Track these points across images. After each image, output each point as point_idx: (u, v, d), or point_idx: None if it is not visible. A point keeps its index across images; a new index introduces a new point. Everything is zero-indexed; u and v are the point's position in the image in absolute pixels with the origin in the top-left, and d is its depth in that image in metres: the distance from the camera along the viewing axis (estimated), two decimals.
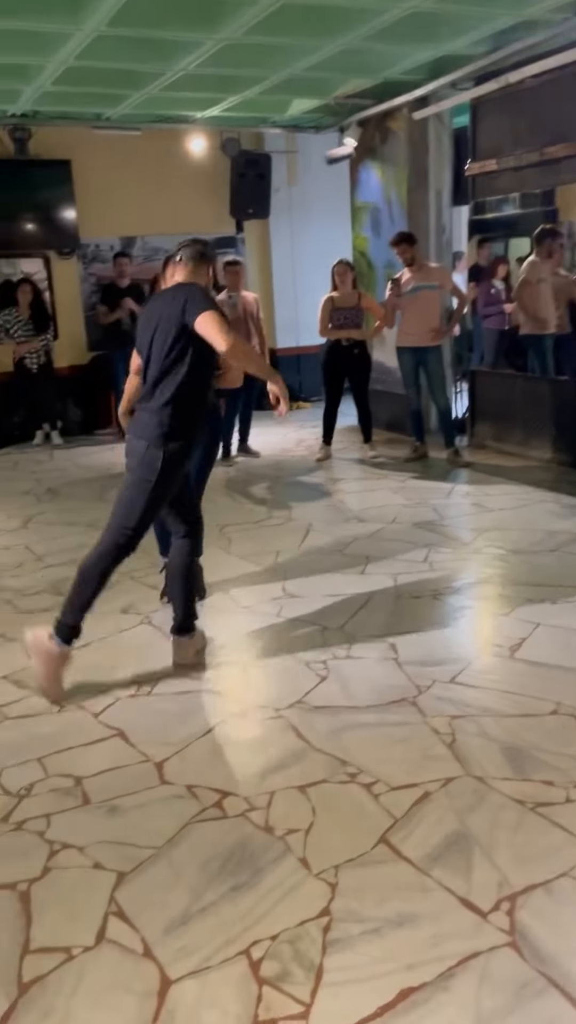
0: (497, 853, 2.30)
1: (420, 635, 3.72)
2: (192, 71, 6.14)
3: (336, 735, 2.94)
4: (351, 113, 7.91)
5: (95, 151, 8.71)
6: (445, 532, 5.16)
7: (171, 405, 3.26)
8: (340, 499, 6.06)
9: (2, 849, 2.42)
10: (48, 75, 6.10)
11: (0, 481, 7.15)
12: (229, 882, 2.23)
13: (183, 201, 9.43)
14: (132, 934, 2.08)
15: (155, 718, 3.11)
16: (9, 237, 8.87)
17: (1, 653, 3.74)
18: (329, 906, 2.14)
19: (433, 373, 6.78)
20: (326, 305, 6.89)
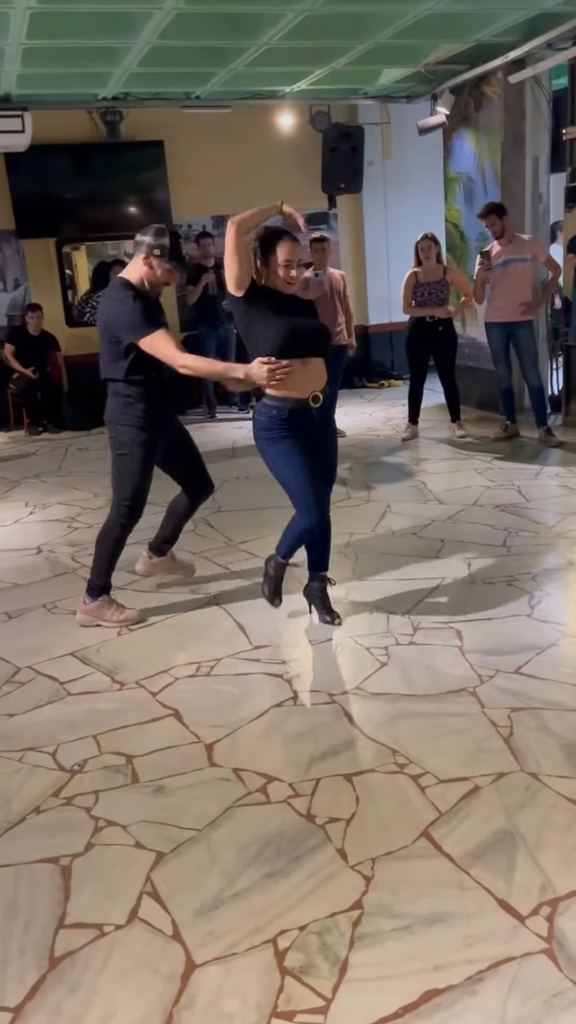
0: (543, 855, 2.20)
1: (488, 623, 3.60)
2: (276, 44, 6.05)
3: (390, 723, 2.88)
4: (443, 80, 7.66)
5: (186, 131, 8.75)
6: (528, 515, 4.97)
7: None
8: (422, 480, 5.92)
9: (50, 823, 2.48)
10: (134, 56, 6.14)
11: (90, 460, 7.33)
12: (264, 869, 2.22)
13: (274, 178, 9.35)
14: (163, 915, 2.09)
15: (211, 699, 3.13)
16: (103, 219, 9.04)
17: (70, 630, 3.83)
18: (362, 899, 2.10)
19: (524, 349, 6.52)
20: (409, 281, 6.72)
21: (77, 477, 6.74)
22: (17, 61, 6.05)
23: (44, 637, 3.78)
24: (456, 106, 7.81)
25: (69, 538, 5.18)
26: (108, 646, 3.66)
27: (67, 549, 4.96)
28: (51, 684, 3.33)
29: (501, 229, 6.38)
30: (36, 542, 5.14)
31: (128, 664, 3.46)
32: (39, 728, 3.01)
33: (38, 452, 7.84)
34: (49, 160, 8.56)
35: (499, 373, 6.77)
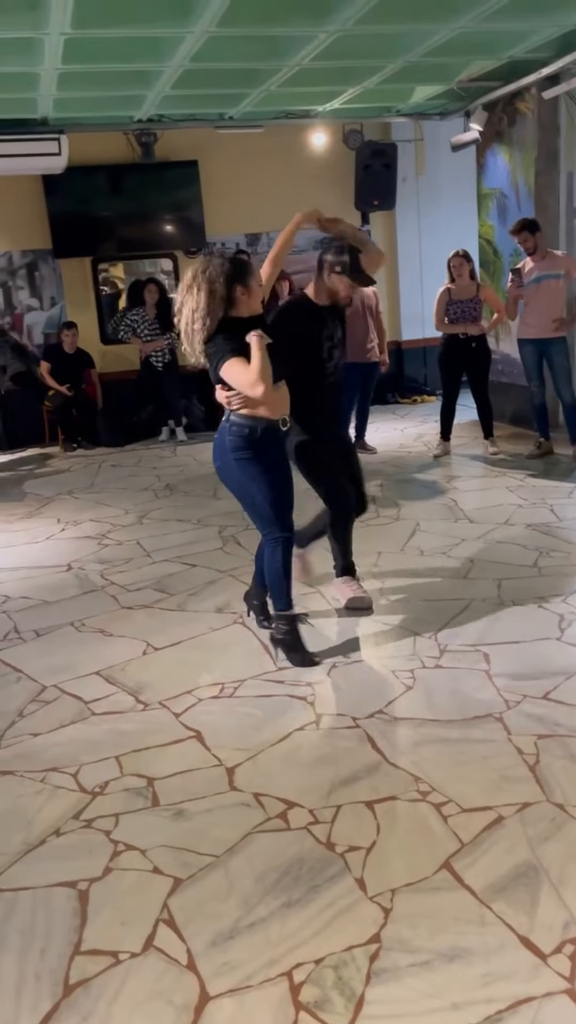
0: (568, 890, 2.14)
1: (517, 646, 3.54)
2: (307, 65, 6.09)
3: (413, 749, 2.84)
4: (477, 97, 7.63)
5: (220, 151, 8.83)
6: (561, 535, 4.90)
7: None
8: (453, 497, 5.87)
9: (70, 846, 2.48)
10: (167, 79, 6.21)
11: (123, 477, 7.38)
12: (282, 898, 2.20)
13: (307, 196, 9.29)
14: (179, 944, 2.07)
15: (234, 721, 3.11)
16: (139, 238, 9.15)
17: (98, 648, 3.85)
18: (380, 932, 2.06)
19: (557, 366, 6.45)
20: (442, 298, 6.69)
21: (109, 494, 6.79)
22: (53, 85, 6.16)
23: (71, 655, 3.80)
24: (489, 122, 7.78)
25: (99, 555, 5.21)
26: (133, 664, 3.66)
27: (97, 566, 4.99)
28: (75, 703, 3.34)
29: (534, 245, 6.33)
30: (67, 559, 5.18)
31: (152, 684, 3.46)
32: (62, 748, 3.02)
33: (72, 468, 7.92)
34: (85, 181, 8.70)
35: (532, 390, 6.70)
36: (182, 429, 8.90)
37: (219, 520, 5.73)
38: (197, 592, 4.43)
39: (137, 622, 4.11)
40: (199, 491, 6.64)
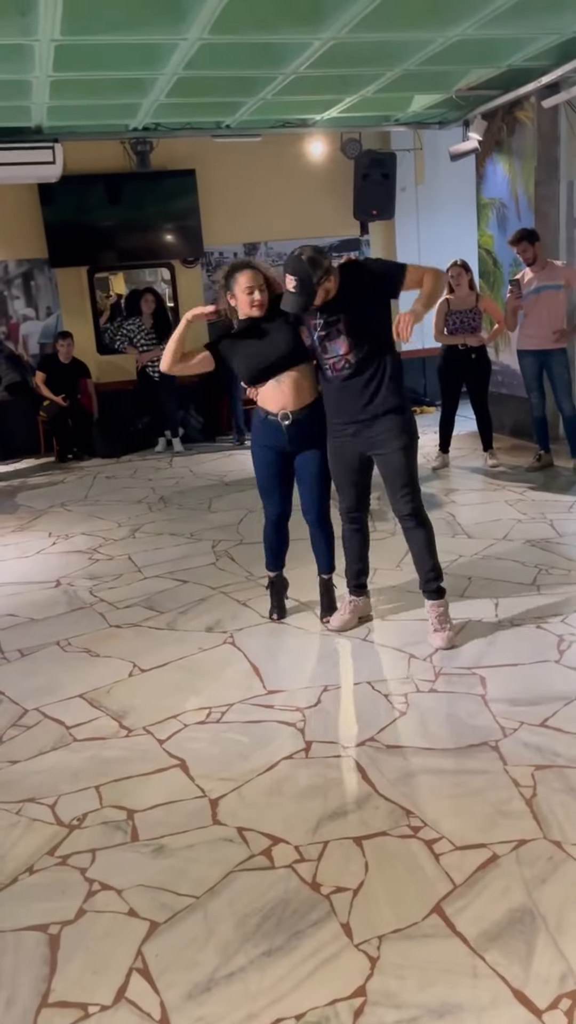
0: (565, 938, 2.03)
1: (514, 669, 3.42)
2: (304, 73, 6.00)
3: (405, 780, 2.72)
4: (476, 106, 7.55)
5: (217, 160, 8.76)
6: (560, 551, 4.78)
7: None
8: (451, 511, 5.76)
9: (42, 885, 2.37)
10: (161, 87, 6.13)
11: (117, 489, 7.28)
12: (263, 945, 2.08)
13: (305, 205, 9.34)
14: (152, 996, 1.96)
15: (219, 749, 3.00)
16: (135, 247, 9.07)
17: (83, 669, 3.74)
18: (366, 984, 1.94)
19: (558, 377, 6.34)
20: (440, 308, 6.59)
21: (103, 506, 6.68)
22: (46, 93, 6.08)
23: (54, 676, 3.69)
24: (489, 131, 7.70)
25: (89, 570, 5.11)
26: (119, 687, 3.55)
27: (86, 582, 4.88)
28: (57, 728, 3.23)
29: (533, 255, 6.23)
30: (56, 575, 5.07)
31: (137, 708, 3.34)
32: (41, 777, 2.90)
33: (66, 480, 7.82)
34: (81, 190, 8.62)
35: (532, 401, 6.60)
36: (179, 440, 8.81)
37: (213, 534, 5.63)
38: (187, 610, 4.31)
39: (125, 642, 4.00)
40: (194, 504, 6.54)
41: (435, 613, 3.73)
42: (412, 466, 3.66)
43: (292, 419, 3.68)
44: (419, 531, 3.73)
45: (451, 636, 3.67)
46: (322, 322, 3.53)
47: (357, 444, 3.66)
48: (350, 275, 3.52)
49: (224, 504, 6.42)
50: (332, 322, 3.52)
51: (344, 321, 3.50)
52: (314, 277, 3.33)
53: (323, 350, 3.60)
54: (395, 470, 3.63)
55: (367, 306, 3.51)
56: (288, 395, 3.67)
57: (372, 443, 3.63)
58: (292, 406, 3.67)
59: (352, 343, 3.52)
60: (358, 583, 3.98)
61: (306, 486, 3.86)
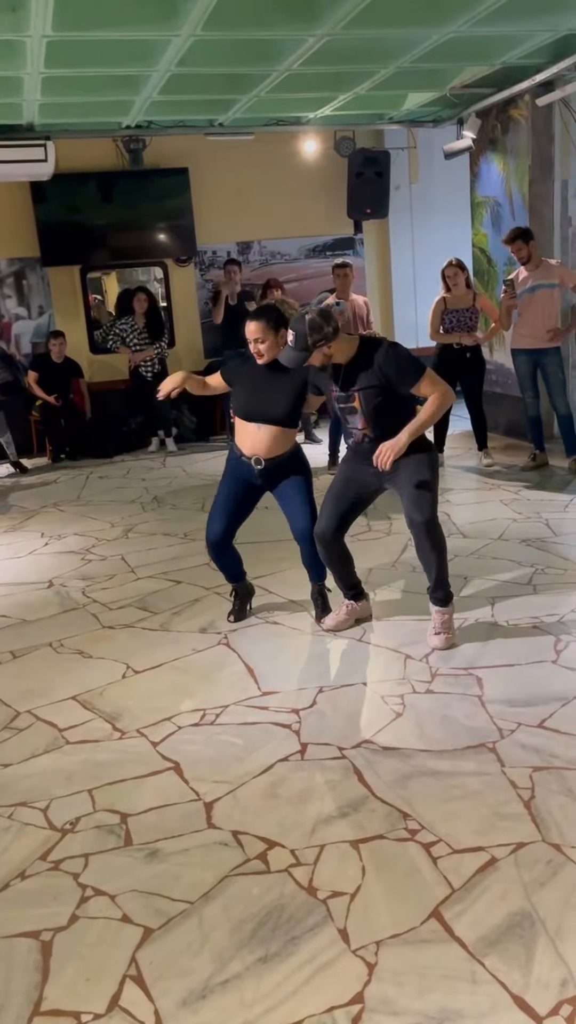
0: (565, 943, 2.00)
1: (511, 669, 3.40)
2: (297, 70, 5.97)
3: (402, 782, 2.69)
4: (470, 104, 7.53)
5: (210, 158, 8.72)
6: (555, 551, 4.76)
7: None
8: (446, 511, 5.72)
9: (35, 891, 2.33)
10: (154, 84, 6.09)
11: (110, 489, 7.24)
12: (259, 951, 2.05)
13: (299, 204, 9.31)
14: (146, 1004, 1.92)
15: (214, 751, 2.96)
16: (128, 246, 9.02)
17: (76, 671, 3.70)
18: (363, 991, 1.91)
19: (552, 376, 6.33)
20: (437, 307, 6.56)
21: (95, 506, 6.64)
22: (37, 90, 6.03)
23: (47, 678, 3.65)
24: (483, 130, 7.68)
25: (82, 571, 5.06)
26: (112, 689, 3.51)
27: (79, 583, 4.84)
28: (49, 731, 3.19)
29: (528, 254, 6.21)
30: (48, 575, 5.03)
31: (131, 710, 3.31)
32: (33, 780, 2.86)
33: (59, 480, 7.77)
34: (74, 188, 8.57)
35: (526, 401, 6.58)
36: (172, 440, 8.76)
37: None
38: (181, 611, 4.28)
39: (118, 643, 3.97)
40: (187, 504, 6.50)
41: (439, 620, 3.69)
42: (433, 488, 3.63)
43: (265, 465, 3.76)
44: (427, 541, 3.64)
45: (449, 639, 3.64)
46: (341, 395, 3.54)
47: (378, 479, 3.64)
48: (368, 351, 3.44)
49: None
50: (348, 397, 3.53)
51: (358, 399, 3.49)
52: (310, 339, 3.31)
53: (345, 421, 3.64)
54: (416, 493, 3.59)
55: (380, 392, 3.45)
56: (264, 444, 3.73)
57: (393, 480, 3.61)
58: (264, 454, 3.74)
59: (367, 422, 3.52)
60: (354, 592, 3.94)
61: (294, 509, 3.84)
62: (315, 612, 4.03)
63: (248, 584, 4.17)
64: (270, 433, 3.72)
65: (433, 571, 3.68)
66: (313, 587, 4.05)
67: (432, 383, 3.44)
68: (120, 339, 8.55)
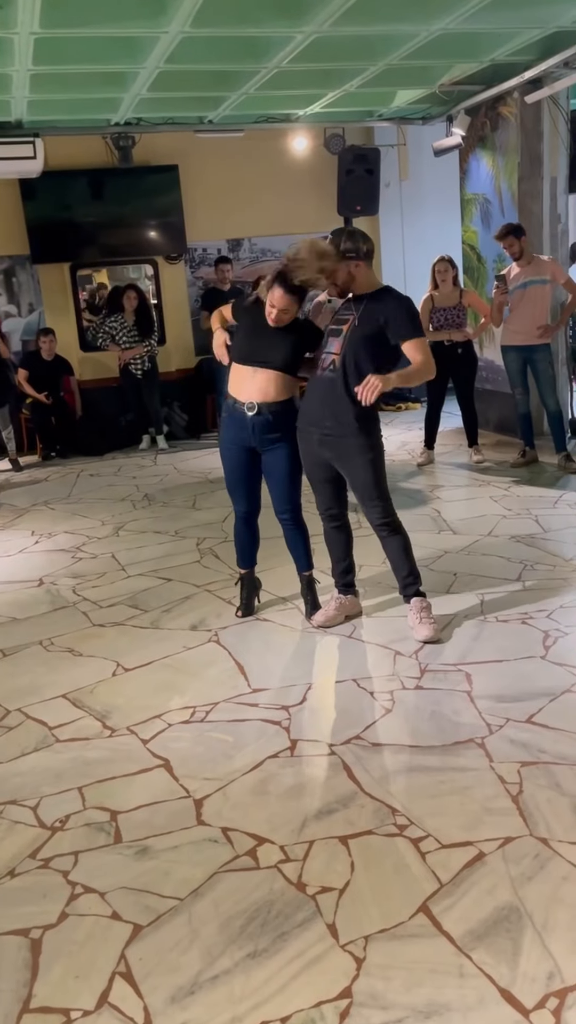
0: (552, 936, 2.01)
1: (500, 665, 3.41)
2: (286, 67, 5.97)
3: (391, 778, 2.70)
4: (459, 101, 7.54)
5: (200, 155, 8.70)
6: (545, 547, 4.78)
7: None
8: (436, 508, 5.75)
9: (24, 888, 2.33)
10: (143, 81, 6.08)
11: (101, 487, 7.23)
12: (248, 947, 2.05)
13: (289, 201, 9.29)
14: (135, 1001, 1.93)
15: (204, 748, 2.97)
16: (118, 244, 9.01)
17: (66, 669, 3.70)
18: (352, 986, 1.92)
19: (542, 373, 6.35)
20: (425, 306, 6.57)
21: (86, 504, 6.63)
22: (25, 87, 6.02)
23: (37, 677, 3.65)
24: (472, 127, 7.69)
25: (72, 569, 5.06)
26: (102, 687, 3.51)
27: (69, 581, 4.83)
28: (39, 729, 3.19)
29: (519, 250, 6.23)
30: (39, 574, 5.02)
31: (121, 707, 3.31)
32: (23, 779, 2.86)
33: (49, 478, 7.76)
34: (63, 186, 8.54)
35: (517, 397, 6.60)
36: (163, 437, 8.75)
37: (197, 532, 5.59)
38: (171, 608, 4.28)
39: (108, 641, 3.97)
40: (178, 501, 6.50)
41: (417, 608, 3.73)
42: (379, 478, 3.69)
43: (258, 410, 3.69)
44: (393, 539, 3.78)
45: (436, 628, 3.66)
46: (338, 316, 3.63)
47: (323, 452, 3.70)
48: (385, 293, 3.58)
49: (209, 502, 6.39)
50: (343, 320, 3.59)
51: (350, 323, 3.55)
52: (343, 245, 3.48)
53: (324, 343, 3.66)
54: (362, 484, 3.69)
55: (375, 327, 3.51)
56: (259, 389, 3.69)
57: (337, 456, 3.67)
58: (259, 398, 3.70)
59: (344, 348, 3.55)
60: (345, 582, 3.96)
61: (275, 484, 3.84)
62: (305, 608, 4.03)
63: (256, 577, 4.16)
64: (266, 377, 3.67)
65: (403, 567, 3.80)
66: (301, 580, 4.05)
67: (422, 349, 3.54)
68: (110, 337, 8.53)
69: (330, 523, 3.90)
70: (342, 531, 3.92)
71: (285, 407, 3.73)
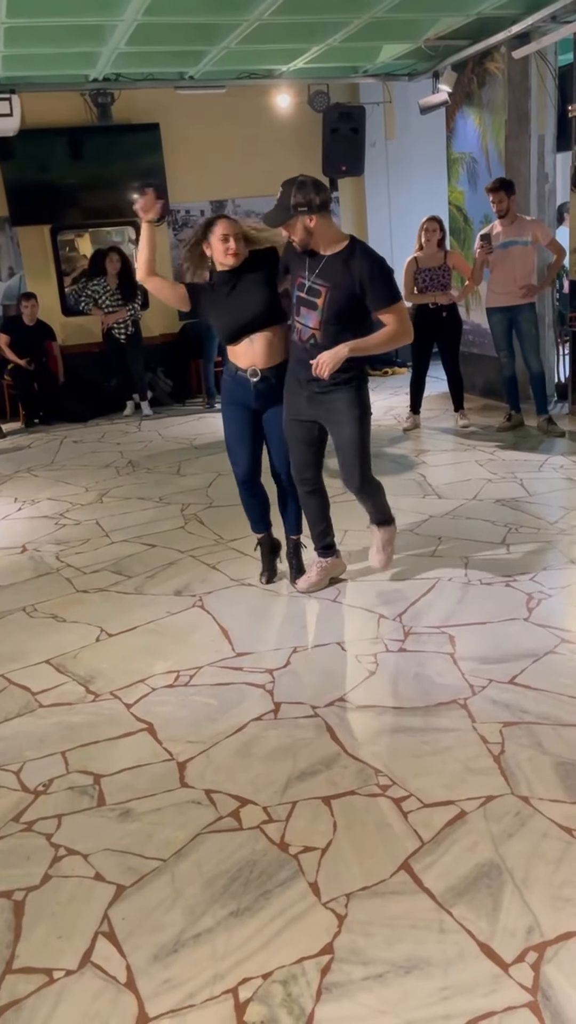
0: (531, 891, 2.03)
1: (484, 627, 3.42)
2: (268, 20, 5.82)
3: (374, 739, 2.71)
4: (446, 56, 7.39)
5: (181, 113, 8.53)
6: (529, 510, 4.78)
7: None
8: (422, 472, 5.73)
9: (7, 851, 2.33)
10: (121, 34, 5.92)
11: (84, 453, 7.17)
12: (230, 906, 2.06)
13: (273, 161, 9.08)
14: (118, 960, 1.94)
15: (187, 712, 2.97)
16: (98, 205, 8.84)
17: (49, 635, 3.68)
18: (333, 942, 1.94)
19: (526, 334, 6.30)
20: (409, 267, 6.50)
21: (70, 471, 6.58)
22: (0, 41, 5.85)
23: (21, 643, 3.63)
24: (459, 83, 7.55)
25: (56, 536, 5.03)
26: (86, 652, 3.50)
27: (53, 548, 4.80)
28: (23, 695, 3.18)
29: (507, 208, 6.14)
30: (21, 540, 4.99)
31: (104, 672, 3.30)
32: (5, 743, 2.86)
33: (32, 445, 7.69)
34: (42, 145, 8.37)
35: (502, 360, 6.56)
36: (147, 403, 8.67)
37: (182, 498, 5.56)
38: (155, 574, 4.26)
39: (92, 606, 3.95)
40: (163, 468, 6.46)
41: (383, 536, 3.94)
42: (364, 436, 3.64)
43: (261, 376, 3.65)
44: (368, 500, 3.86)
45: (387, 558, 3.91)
46: (308, 284, 3.42)
47: (310, 408, 3.62)
48: (354, 252, 3.37)
49: (193, 468, 6.35)
50: (314, 291, 3.41)
51: (325, 296, 3.39)
52: (292, 199, 3.27)
53: (296, 311, 3.52)
54: (348, 440, 3.62)
55: (350, 297, 3.38)
56: (259, 354, 3.63)
57: (327, 413, 3.59)
58: (262, 364, 3.64)
59: (322, 324, 3.43)
60: (324, 544, 3.94)
61: (277, 443, 3.80)
62: (290, 573, 4.02)
63: (275, 538, 4.09)
64: (264, 340, 3.60)
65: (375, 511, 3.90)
66: (288, 543, 4.04)
67: (398, 316, 3.41)
68: (92, 300, 8.42)
69: (304, 487, 3.83)
70: (316, 495, 3.86)
71: (286, 367, 3.69)
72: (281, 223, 3.34)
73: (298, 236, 3.34)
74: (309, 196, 3.25)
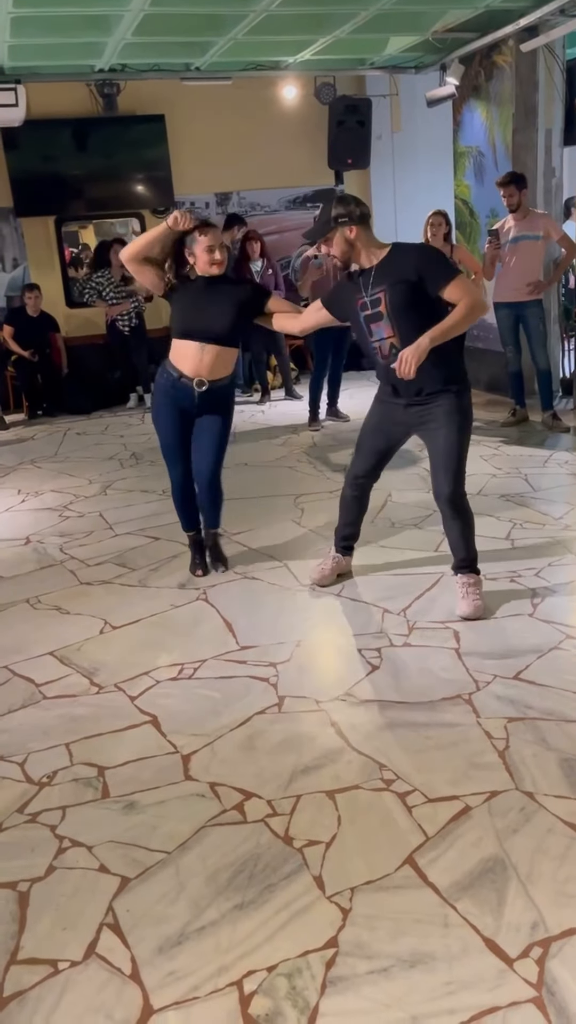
0: (536, 887, 2.03)
1: (488, 623, 3.42)
2: (275, 11, 5.79)
3: (378, 734, 2.71)
4: (453, 49, 7.35)
5: (187, 105, 8.50)
6: (534, 506, 4.77)
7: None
8: (426, 467, 5.69)
9: (12, 843, 2.33)
10: (127, 25, 5.89)
11: (88, 446, 7.16)
12: (235, 899, 2.07)
13: (278, 153, 9.12)
14: (123, 951, 1.94)
15: (192, 705, 2.97)
16: (103, 197, 8.83)
17: (53, 627, 3.68)
18: (337, 936, 1.94)
19: (533, 330, 6.28)
20: None
21: (73, 463, 6.58)
22: (6, 31, 5.82)
23: (24, 634, 3.63)
24: (466, 76, 7.51)
25: (59, 528, 5.03)
26: (90, 644, 3.50)
27: (56, 540, 4.80)
28: (27, 686, 3.18)
29: (518, 202, 6.10)
30: (25, 532, 4.99)
31: (108, 664, 3.30)
32: (9, 735, 2.86)
33: (35, 437, 7.68)
34: (47, 135, 8.35)
35: (508, 355, 6.54)
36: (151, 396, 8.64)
37: None
38: (159, 567, 4.26)
39: (95, 599, 3.95)
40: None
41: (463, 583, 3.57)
42: (463, 445, 3.49)
43: (208, 388, 3.74)
44: (456, 521, 3.58)
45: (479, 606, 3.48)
46: (367, 300, 3.33)
47: (407, 415, 3.50)
48: (399, 252, 3.32)
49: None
50: (375, 301, 3.31)
51: (385, 302, 3.28)
52: (332, 211, 3.28)
53: (369, 333, 3.39)
54: (444, 449, 3.46)
55: (409, 289, 3.26)
56: (207, 365, 3.71)
57: (423, 419, 3.47)
58: (208, 375, 3.72)
59: (394, 326, 3.30)
60: (346, 544, 3.94)
61: (205, 446, 3.86)
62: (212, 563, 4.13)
63: (202, 536, 4.18)
64: (214, 353, 3.68)
65: (460, 549, 3.58)
66: (207, 535, 4.14)
67: (464, 288, 3.27)
68: (96, 292, 8.40)
69: (352, 490, 3.80)
70: (360, 500, 3.85)
71: (229, 382, 3.84)
72: (321, 236, 3.33)
73: (338, 250, 3.30)
74: (349, 208, 3.27)
